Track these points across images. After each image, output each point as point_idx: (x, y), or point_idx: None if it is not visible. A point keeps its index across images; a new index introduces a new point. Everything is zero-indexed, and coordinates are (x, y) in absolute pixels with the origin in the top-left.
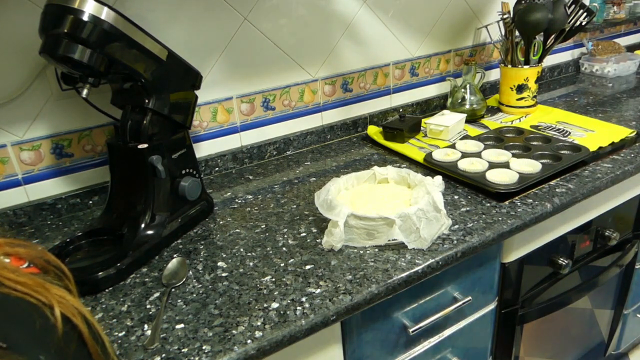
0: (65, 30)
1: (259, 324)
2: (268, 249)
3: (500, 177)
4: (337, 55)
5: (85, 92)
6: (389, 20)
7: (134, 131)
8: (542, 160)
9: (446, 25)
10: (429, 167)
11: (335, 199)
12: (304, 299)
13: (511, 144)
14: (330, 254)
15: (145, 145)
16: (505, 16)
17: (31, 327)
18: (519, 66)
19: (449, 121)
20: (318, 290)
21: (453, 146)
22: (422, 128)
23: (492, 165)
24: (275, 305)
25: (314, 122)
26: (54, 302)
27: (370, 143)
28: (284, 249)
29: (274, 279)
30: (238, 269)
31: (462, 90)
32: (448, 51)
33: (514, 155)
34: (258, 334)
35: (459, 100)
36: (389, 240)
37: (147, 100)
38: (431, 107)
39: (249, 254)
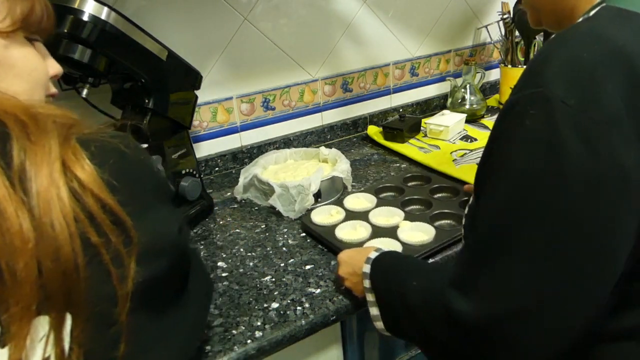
0: (65, 30)
1: (259, 324)
2: (268, 249)
3: None
4: (337, 55)
5: (85, 92)
6: (389, 20)
7: (134, 131)
8: (444, 221)
9: (446, 25)
10: (308, 230)
11: (259, 162)
12: (304, 299)
13: (411, 197)
14: (330, 254)
15: (145, 145)
16: (505, 16)
17: None
18: (519, 66)
19: (449, 121)
20: (318, 290)
21: (341, 203)
22: (422, 128)
23: (377, 232)
24: (275, 305)
25: (314, 122)
26: None
27: (370, 143)
28: (284, 249)
29: (274, 279)
30: (238, 269)
31: (462, 90)
32: (448, 51)
33: (407, 217)
34: (258, 334)
35: (459, 100)
36: (270, 206)
37: (147, 100)
38: (431, 107)
39: (249, 254)
